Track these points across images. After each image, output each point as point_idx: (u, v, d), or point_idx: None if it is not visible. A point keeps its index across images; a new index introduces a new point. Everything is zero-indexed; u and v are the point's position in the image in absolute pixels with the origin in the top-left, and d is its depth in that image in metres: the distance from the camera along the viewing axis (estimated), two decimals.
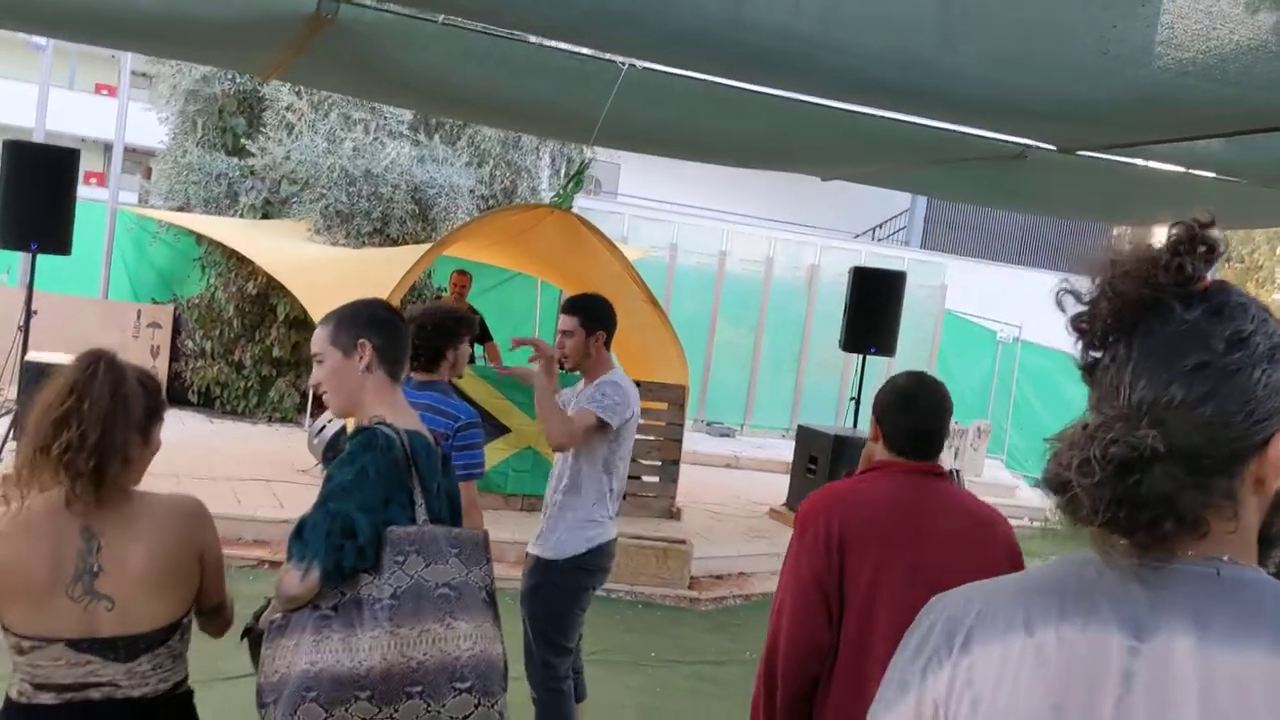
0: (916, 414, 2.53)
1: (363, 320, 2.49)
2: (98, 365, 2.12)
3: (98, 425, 2.06)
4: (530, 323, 12.96)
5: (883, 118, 6.24)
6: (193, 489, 7.69)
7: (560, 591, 4.11)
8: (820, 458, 9.45)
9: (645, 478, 9.17)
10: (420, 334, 3.87)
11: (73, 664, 2.09)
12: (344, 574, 2.23)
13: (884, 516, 2.43)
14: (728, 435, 14.70)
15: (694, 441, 12.91)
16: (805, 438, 9.99)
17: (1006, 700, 1.05)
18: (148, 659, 2.15)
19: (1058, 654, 1.04)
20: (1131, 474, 1.00)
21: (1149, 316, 1.06)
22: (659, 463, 9.16)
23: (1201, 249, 1.06)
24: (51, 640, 2.08)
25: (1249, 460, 1.04)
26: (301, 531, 2.25)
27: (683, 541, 7.68)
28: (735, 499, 10.50)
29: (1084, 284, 1.11)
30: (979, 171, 7.25)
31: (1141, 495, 1.01)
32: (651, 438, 9.13)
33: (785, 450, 12.63)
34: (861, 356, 10.01)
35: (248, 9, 5.67)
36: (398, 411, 2.46)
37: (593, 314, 4.20)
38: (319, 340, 2.51)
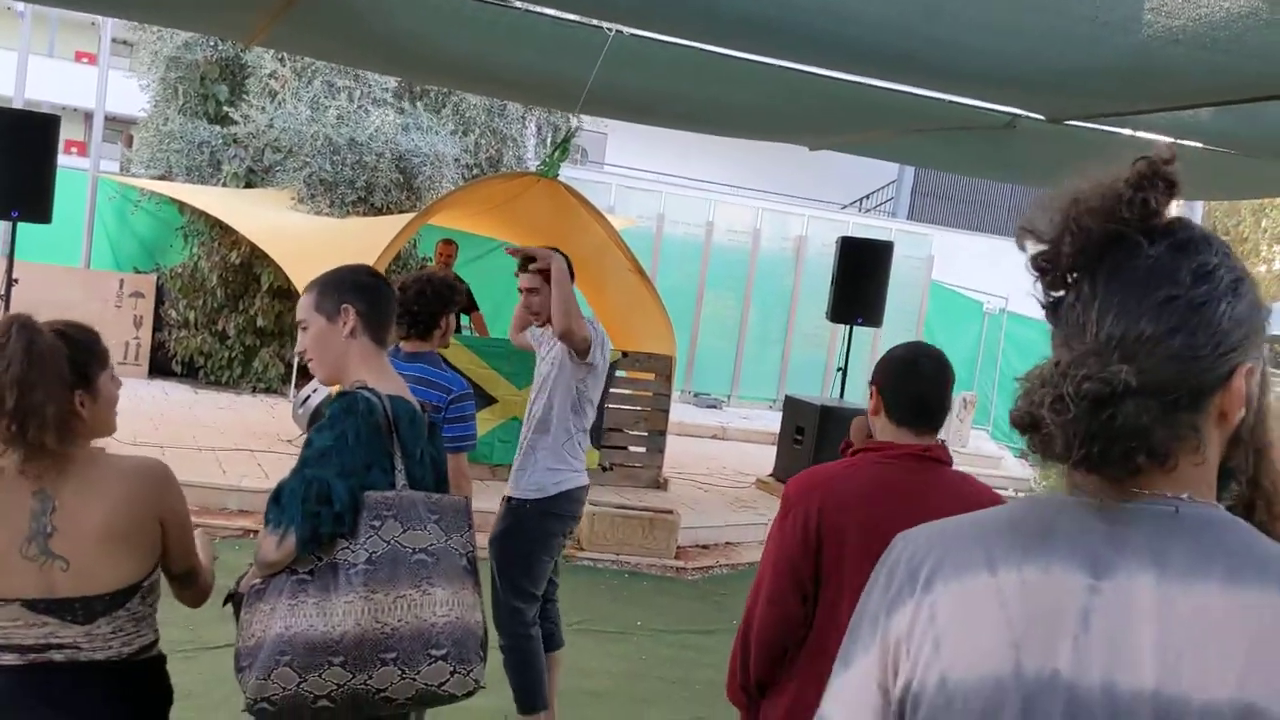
0: (921, 381, 2.47)
1: (346, 286, 2.47)
2: (10, 330, 2.07)
3: (13, 389, 2.02)
4: (515, 292, 12.90)
5: (870, 86, 6.20)
6: (176, 459, 7.67)
7: (528, 535, 4.12)
8: (807, 428, 9.46)
9: (632, 448, 9.17)
10: (418, 301, 3.84)
11: (31, 624, 2.08)
12: (321, 540, 2.21)
13: (868, 504, 2.36)
14: (714, 406, 14.70)
15: (681, 412, 12.91)
16: (792, 408, 9.99)
17: (968, 639, 1.05)
18: (106, 621, 2.13)
19: (1019, 594, 1.05)
20: (1105, 409, 1.01)
21: (1114, 252, 1.06)
22: (645, 433, 9.16)
23: (1162, 184, 1.06)
24: (8, 600, 2.07)
25: (1214, 394, 1.05)
26: (279, 497, 2.23)
27: (669, 511, 7.69)
28: (722, 469, 10.52)
29: (1043, 223, 1.10)
30: (967, 141, 7.22)
31: (1116, 430, 1.01)
32: (638, 408, 9.12)
33: (772, 421, 12.65)
34: (848, 327, 10.00)
35: None
36: (382, 377, 2.43)
37: (557, 264, 4.19)
38: (303, 306, 2.48)
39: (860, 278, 9.57)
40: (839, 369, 10.06)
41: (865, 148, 8.84)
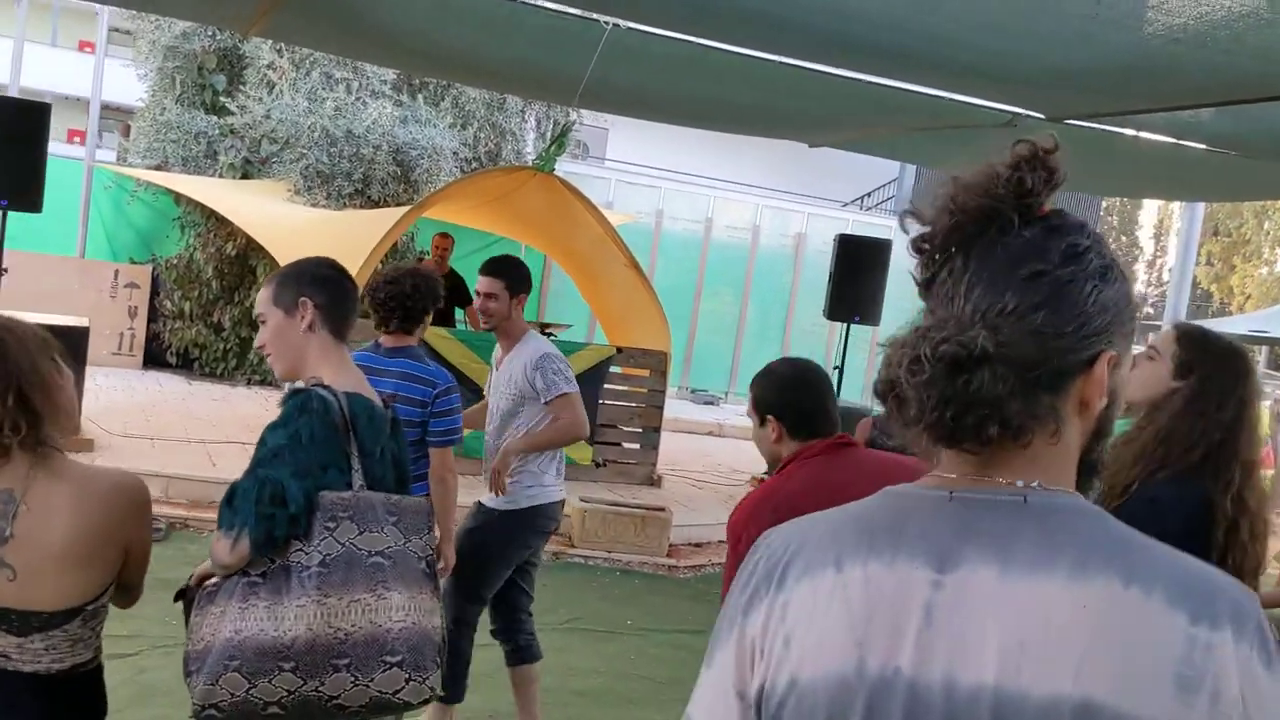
0: (814, 392, 2.51)
1: (305, 278, 2.41)
2: None
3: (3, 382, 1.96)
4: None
5: (869, 83, 6.15)
6: (166, 451, 7.65)
7: (491, 540, 4.06)
8: None
9: (626, 444, 9.12)
10: (412, 294, 3.78)
11: None
12: (275, 543, 2.15)
13: (802, 503, 2.34)
14: (711, 403, 14.66)
15: (677, 409, 12.87)
16: None
17: (815, 637, 1.04)
18: (40, 638, 2.02)
19: (863, 590, 1.03)
20: (961, 373, 1.00)
21: (988, 229, 1.06)
22: (640, 430, 9.11)
23: (1042, 171, 1.06)
24: None
25: (1075, 377, 1.04)
26: (232, 499, 2.16)
27: (662, 509, 7.64)
28: (717, 467, 10.47)
29: (926, 205, 1.10)
30: (967, 139, 7.17)
31: (970, 395, 1.00)
32: (632, 404, 9.07)
33: None
34: (846, 325, 9.95)
35: None
36: (341, 373, 2.37)
37: (517, 277, 4.17)
38: (262, 300, 2.42)
39: (858, 275, 9.51)
40: (835, 367, 10.00)
41: (865, 145, 8.78)
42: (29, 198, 7.01)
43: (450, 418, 3.78)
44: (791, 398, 2.50)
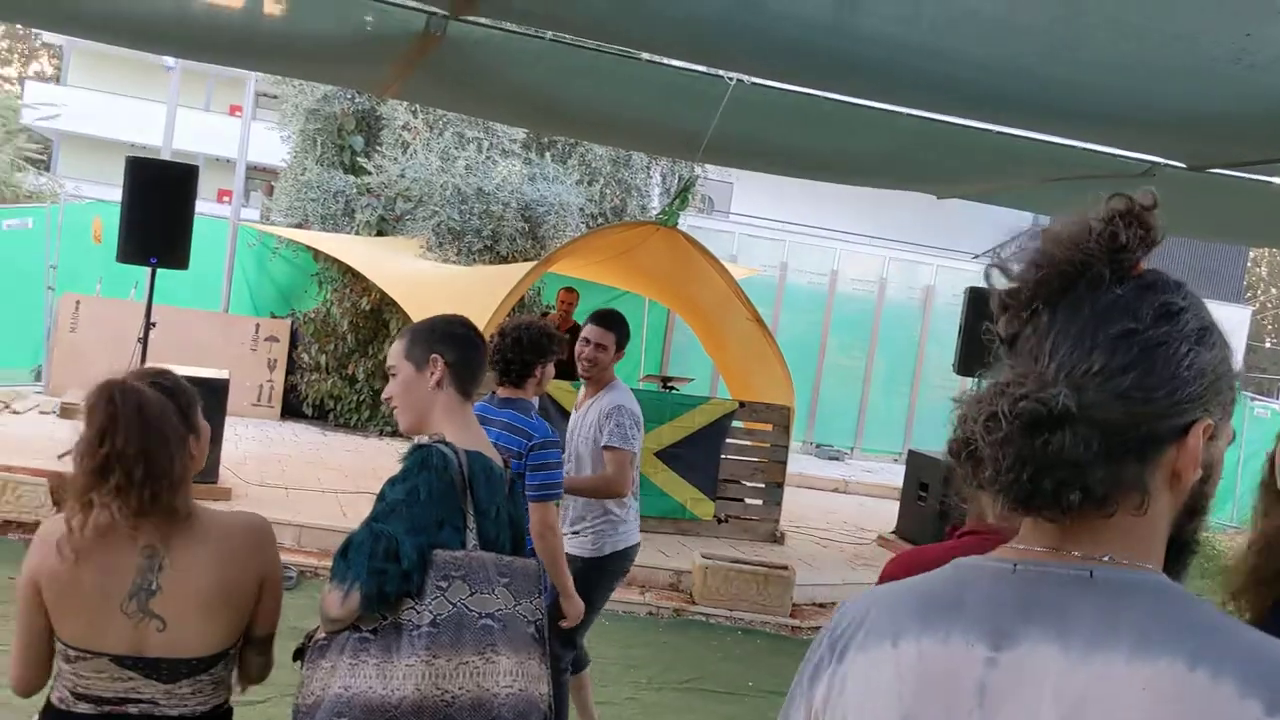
0: None
1: (437, 335, 2.44)
2: (112, 398, 2.02)
3: (140, 460, 1.99)
4: (637, 339, 12.92)
5: (1000, 133, 6.02)
6: (299, 500, 7.84)
7: (585, 588, 4.14)
8: (931, 484, 9.15)
9: (748, 500, 9.00)
10: (514, 348, 3.81)
11: (115, 679, 2.05)
12: (386, 599, 2.14)
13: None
14: (837, 459, 14.41)
15: (802, 464, 12.69)
16: (916, 463, 9.69)
17: (867, 713, 1.00)
18: (189, 683, 2.09)
19: (915, 668, 0.99)
20: (1040, 433, 0.94)
21: (1077, 285, 1.00)
22: (762, 485, 8.99)
23: (1137, 227, 1.01)
24: (98, 653, 2.04)
25: (1166, 446, 0.97)
26: (346, 551, 2.16)
27: (785, 567, 7.49)
28: (843, 525, 10.25)
29: (1013, 259, 1.05)
30: (1103, 190, 6.94)
31: (1049, 456, 0.94)
32: (755, 459, 8.96)
33: (896, 475, 12.30)
34: (978, 380, 9.68)
35: (360, 27, 5.76)
36: (464, 431, 2.38)
37: (625, 333, 4.56)
38: (394, 353, 2.46)
39: (990, 329, 9.26)
40: None
41: (995, 197, 8.59)
42: (177, 255, 7.34)
43: (545, 471, 3.73)
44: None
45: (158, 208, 7.22)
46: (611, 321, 4.50)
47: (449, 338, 2.44)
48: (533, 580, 2.31)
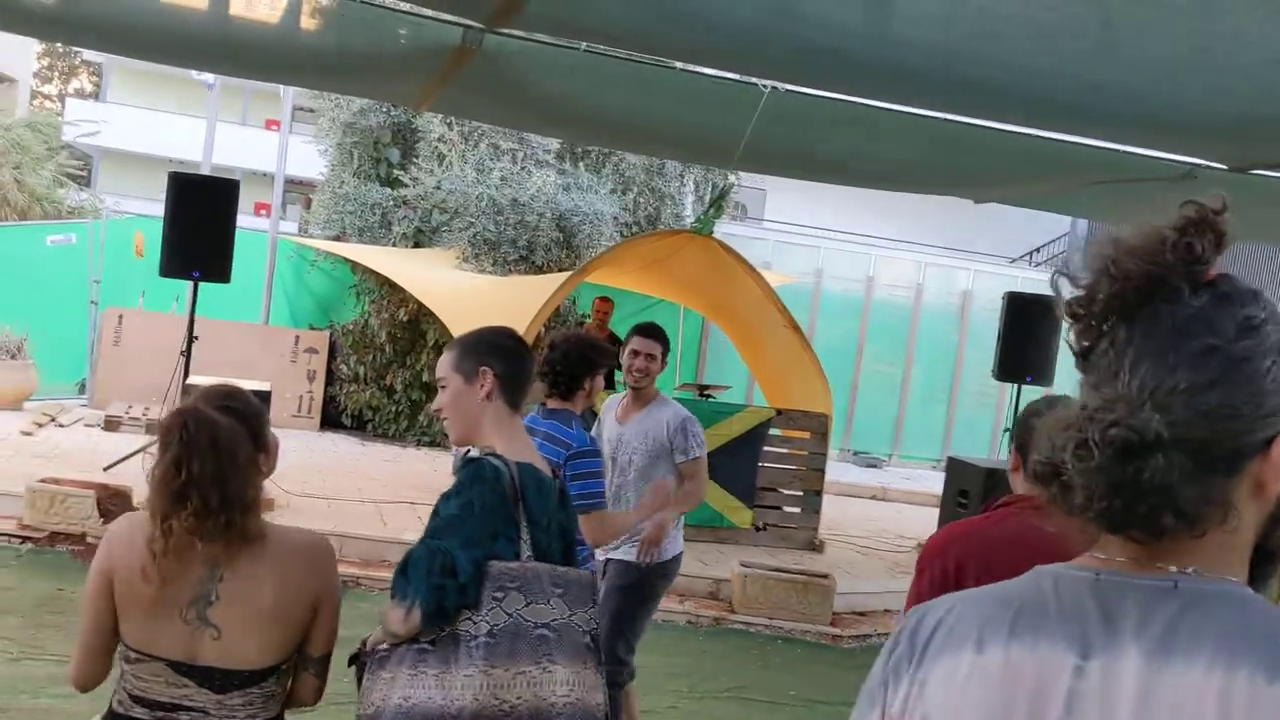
0: None
1: (486, 347, 2.47)
2: (187, 427, 2.06)
3: (215, 487, 2.04)
4: (674, 349, 12.91)
5: (1038, 137, 5.99)
6: (340, 511, 7.91)
7: (645, 592, 4.39)
8: (971, 491, 9.07)
9: (787, 508, 8.98)
10: (563, 361, 3.84)
11: (170, 684, 2.10)
12: (446, 613, 2.18)
13: (1010, 554, 2.26)
14: (874, 466, 14.34)
15: (839, 472, 12.63)
16: (955, 470, 9.61)
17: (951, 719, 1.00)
18: (240, 695, 2.13)
19: (1003, 674, 0.99)
20: (1132, 460, 0.94)
21: (1153, 298, 0.99)
22: (801, 493, 8.96)
23: (1210, 234, 1.00)
24: (155, 657, 2.09)
25: (1250, 459, 0.97)
26: (405, 569, 2.20)
27: (825, 575, 7.46)
28: (882, 532, 10.20)
29: (1080, 266, 1.04)
30: (1143, 193, 6.88)
31: (1142, 484, 0.94)
32: (793, 467, 8.94)
33: (935, 482, 12.22)
34: (1016, 386, 9.61)
35: (396, 42, 5.81)
36: (513, 442, 2.40)
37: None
38: (443, 365, 2.49)
39: (1029, 334, 9.19)
40: (1006, 430, 9.65)
41: (1034, 200, 8.53)
42: (219, 269, 7.44)
43: (584, 481, 3.71)
44: (1032, 435, 2.39)
45: (200, 222, 7.33)
46: (657, 331, 4.62)
47: (498, 350, 2.46)
48: (587, 590, 2.33)
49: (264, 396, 7.78)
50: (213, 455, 2.05)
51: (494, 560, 2.22)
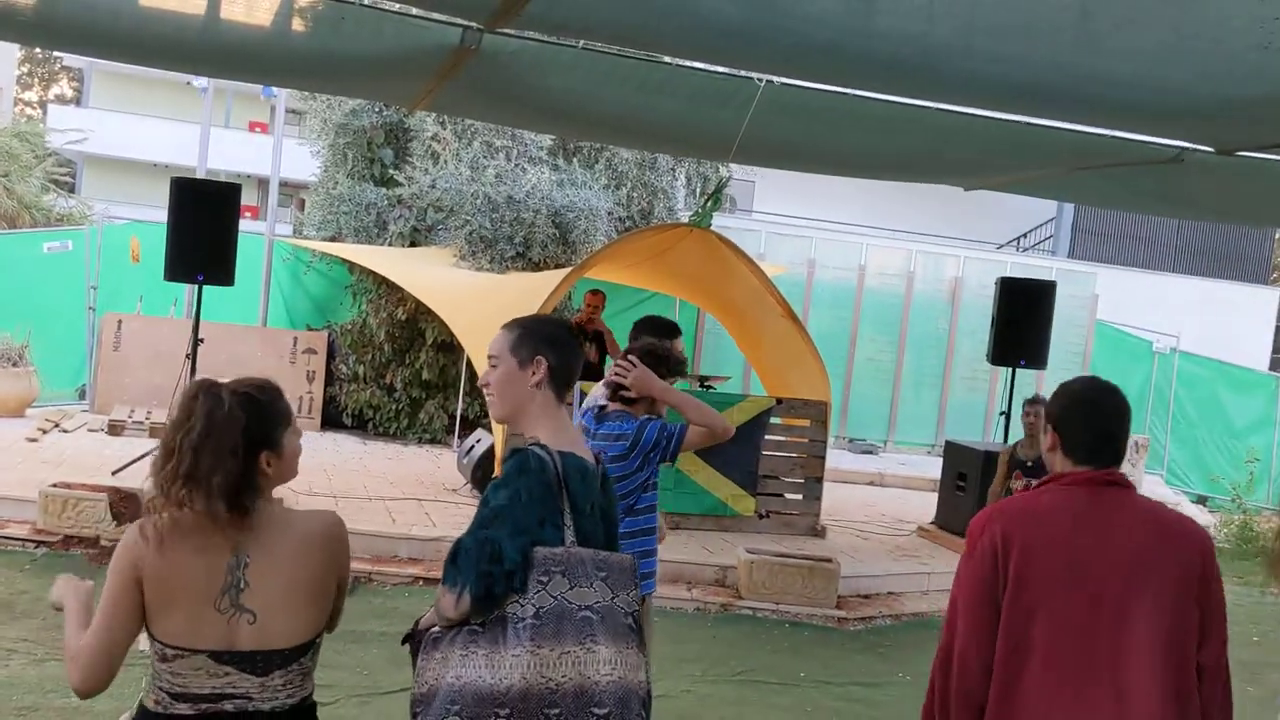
0: (1103, 418, 2.49)
1: (544, 337, 2.54)
2: (198, 394, 2.18)
3: (189, 454, 2.13)
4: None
5: (1027, 124, 6.08)
6: (349, 509, 8.01)
7: None
8: (969, 474, 9.22)
9: (789, 495, 9.10)
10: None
11: (212, 674, 2.16)
12: (495, 598, 2.27)
13: (1053, 526, 2.40)
14: (870, 452, 14.47)
15: (836, 459, 12.74)
16: (953, 454, 9.77)
17: None
18: (280, 674, 2.21)
19: None
20: None
21: None
22: (802, 480, 9.08)
23: None
24: (196, 651, 2.15)
25: None
26: (456, 557, 2.30)
27: (829, 560, 7.59)
28: (881, 517, 10.33)
29: None
30: (1131, 177, 7.00)
31: None
32: (794, 455, 9.06)
33: (930, 467, 12.37)
34: (1009, 370, 9.75)
35: (395, 44, 5.88)
36: (557, 431, 2.49)
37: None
38: (498, 343, 2.55)
39: (1022, 319, 9.33)
40: (1001, 413, 9.78)
41: (1024, 187, 8.65)
42: (222, 272, 7.52)
43: (655, 429, 3.84)
44: (1074, 415, 2.50)
45: (203, 226, 7.41)
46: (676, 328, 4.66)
47: (555, 341, 2.53)
48: (628, 574, 2.42)
49: None
50: (202, 428, 2.14)
51: (539, 546, 2.31)
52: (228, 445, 2.15)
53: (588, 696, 2.27)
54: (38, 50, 35.30)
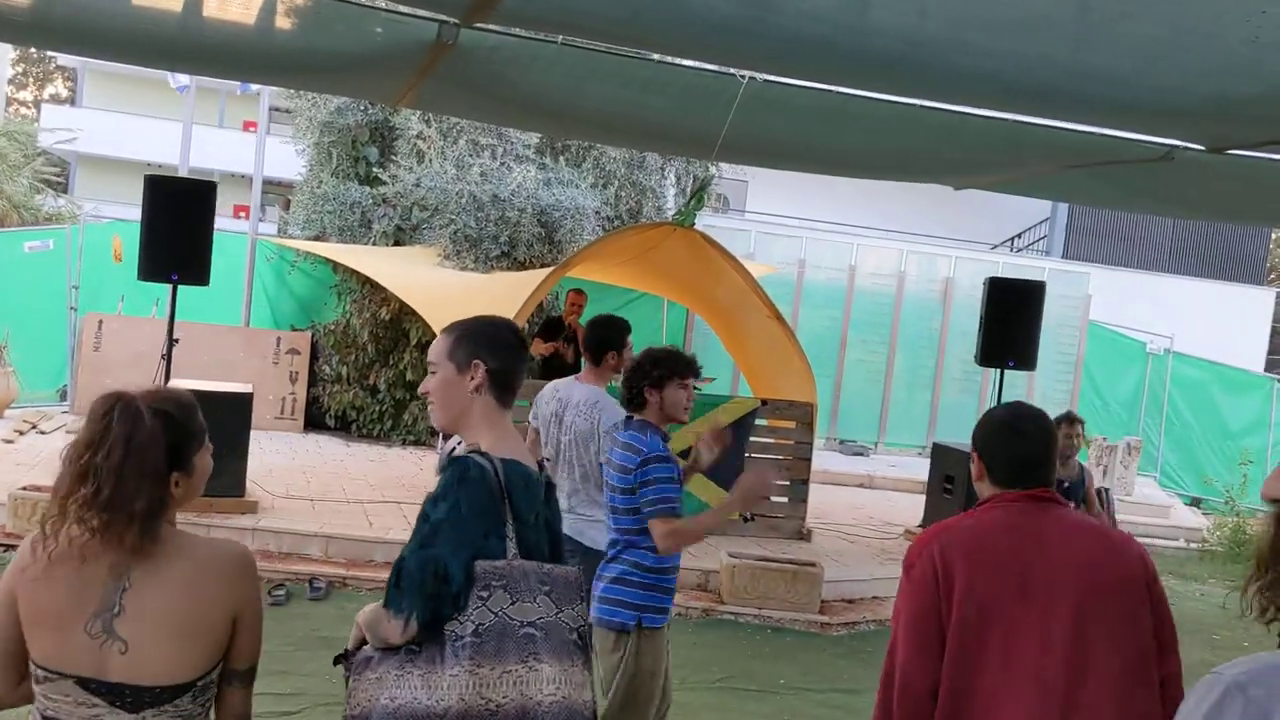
0: (1024, 443, 2.50)
1: (484, 341, 2.41)
2: (112, 413, 2.00)
3: (110, 480, 1.96)
4: (656, 342, 12.90)
5: (1018, 122, 5.99)
6: (325, 511, 7.87)
7: None
8: (957, 477, 9.11)
9: (774, 498, 8.98)
10: (632, 374, 3.87)
11: (79, 703, 2.00)
12: (441, 621, 2.17)
13: (992, 542, 2.41)
14: (861, 454, 14.37)
15: (826, 461, 12.65)
16: (941, 456, 9.65)
17: None
18: (152, 714, 2.01)
19: None
20: None
21: None
22: (787, 482, 8.97)
23: None
24: (64, 675, 1.99)
25: None
26: (399, 580, 2.17)
27: (813, 564, 7.48)
28: (869, 520, 10.22)
29: None
30: (1123, 175, 6.90)
31: None
32: (779, 456, 8.94)
33: (921, 469, 12.26)
34: (1000, 371, 9.64)
35: (373, 39, 5.78)
36: (500, 438, 2.37)
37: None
38: (436, 350, 2.43)
39: (1011, 319, 9.21)
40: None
41: (1014, 186, 8.55)
42: (197, 271, 7.38)
43: (654, 486, 3.66)
44: (996, 441, 2.52)
45: (177, 225, 7.27)
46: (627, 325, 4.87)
47: (495, 344, 2.41)
48: (574, 588, 2.30)
49: (247, 399, 7.74)
50: (120, 452, 1.97)
51: (480, 559, 2.19)
52: (149, 468, 1.99)
53: (530, 717, 2.16)
54: (33, 50, 35.19)
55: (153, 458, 2.00)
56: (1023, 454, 2.48)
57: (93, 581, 2.00)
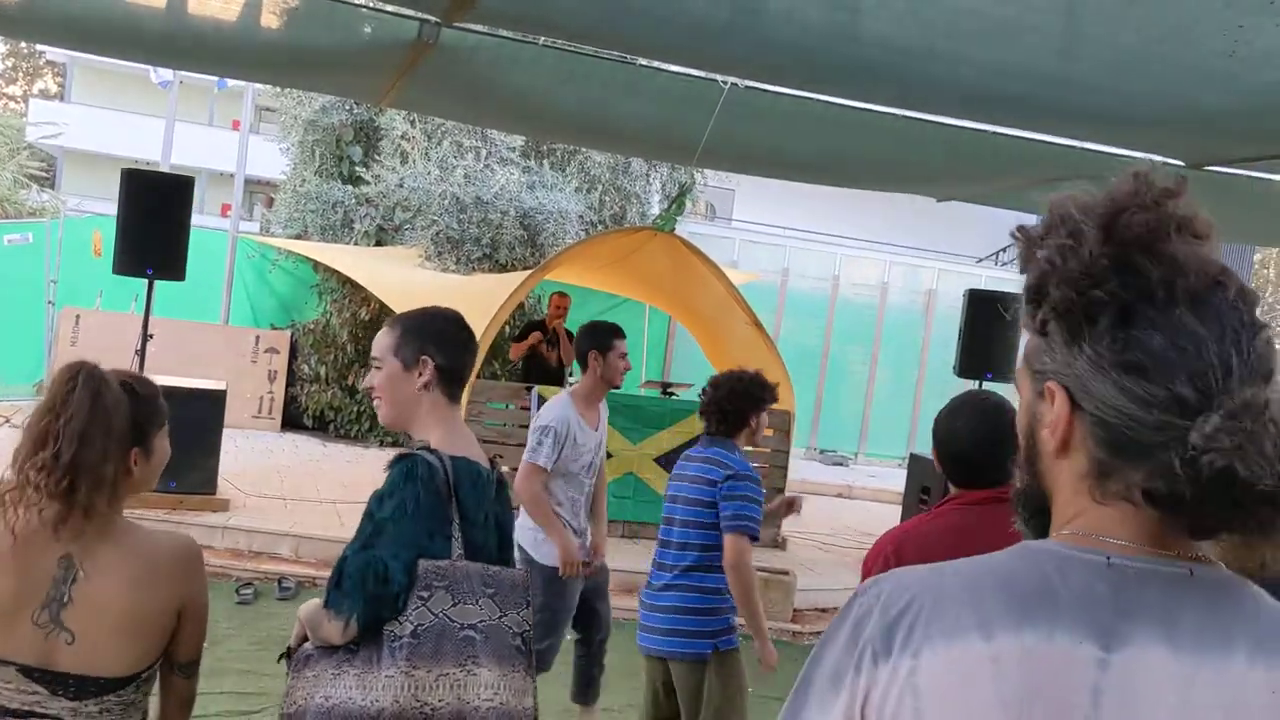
0: (956, 440, 2.44)
1: (429, 335, 2.35)
2: (76, 378, 1.96)
3: (73, 442, 1.91)
4: (638, 348, 12.88)
5: (998, 134, 6.00)
6: (297, 511, 7.81)
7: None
8: (933, 488, 9.09)
9: None
10: (729, 399, 3.86)
11: (21, 690, 1.96)
12: (382, 622, 2.13)
13: (942, 543, 2.32)
14: (841, 464, 14.36)
15: (806, 470, 12.64)
16: (917, 467, 9.64)
17: (957, 715, 0.91)
18: (95, 703, 1.99)
19: (1019, 666, 0.91)
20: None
21: None
22: (764, 491, 8.93)
23: None
24: (7, 662, 1.96)
25: None
26: (340, 580, 2.12)
27: (786, 572, 7.45)
28: (845, 529, 10.20)
29: None
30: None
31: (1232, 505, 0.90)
32: (755, 464, 8.88)
33: (900, 480, 12.23)
34: (978, 382, 9.64)
35: (357, 37, 5.75)
36: (450, 435, 2.32)
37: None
38: (381, 344, 2.36)
39: (990, 331, 9.21)
40: None
41: (995, 198, 8.56)
42: (173, 267, 7.31)
43: (735, 503, 3.69)
44: (938, 439, 2.45)
45: (154, 219, 7.21)
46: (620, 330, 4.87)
47: (442, 339, 2.35)
48: (520, 591, 2.24)
49: (220, 395, 7.68)
50: (85, 412, 1.93)
51: (423, 559, 2.15)
52: (116, 431, 1.96)
53: None
54: (22, 44, 35.01)
55: (119, 422, 1.97)
56: (957, 452, 2.42)
57: (42, 571, 1.96)
